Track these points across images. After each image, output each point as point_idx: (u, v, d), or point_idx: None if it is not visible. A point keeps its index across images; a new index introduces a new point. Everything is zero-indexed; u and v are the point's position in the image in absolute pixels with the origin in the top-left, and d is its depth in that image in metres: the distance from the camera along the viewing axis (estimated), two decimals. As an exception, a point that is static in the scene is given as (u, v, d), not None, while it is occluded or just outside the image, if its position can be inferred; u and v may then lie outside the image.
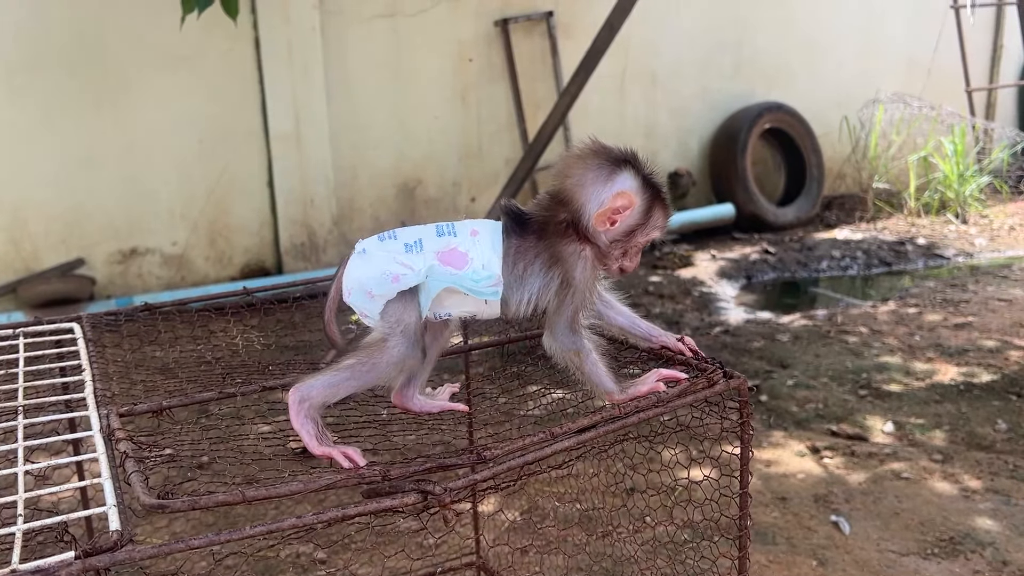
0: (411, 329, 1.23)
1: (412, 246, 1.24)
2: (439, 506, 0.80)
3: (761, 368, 3.81)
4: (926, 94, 6.72)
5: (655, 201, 1.30)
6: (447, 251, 1.24)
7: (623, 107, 6.18)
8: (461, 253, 1.24)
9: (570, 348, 1.26)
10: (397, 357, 1.22)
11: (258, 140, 5.10)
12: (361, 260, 1.25)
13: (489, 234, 1.28)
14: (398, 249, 1.24)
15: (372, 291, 1.23)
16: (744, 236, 6.13)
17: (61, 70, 4.62)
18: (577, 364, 1.26)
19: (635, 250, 1.32)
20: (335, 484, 0.80)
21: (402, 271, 1.22)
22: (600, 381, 1.26)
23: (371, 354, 1.22)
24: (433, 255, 1.24)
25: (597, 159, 1.28)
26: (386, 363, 1.21)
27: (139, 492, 0.78)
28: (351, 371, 1.20)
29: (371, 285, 1.23)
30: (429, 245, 1.25)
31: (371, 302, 1.24)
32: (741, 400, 1.09)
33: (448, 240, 1.25)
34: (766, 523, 2.57)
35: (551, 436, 0.97)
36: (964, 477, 2.80)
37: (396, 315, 1.23)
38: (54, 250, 4.74)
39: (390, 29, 5.35)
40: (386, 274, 1.22)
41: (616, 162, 1.28)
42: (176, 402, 1.17)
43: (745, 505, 1.08)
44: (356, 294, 1.24)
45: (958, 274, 5.32)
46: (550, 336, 1.28)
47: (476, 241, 1.26)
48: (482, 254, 1.25)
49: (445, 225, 1.29)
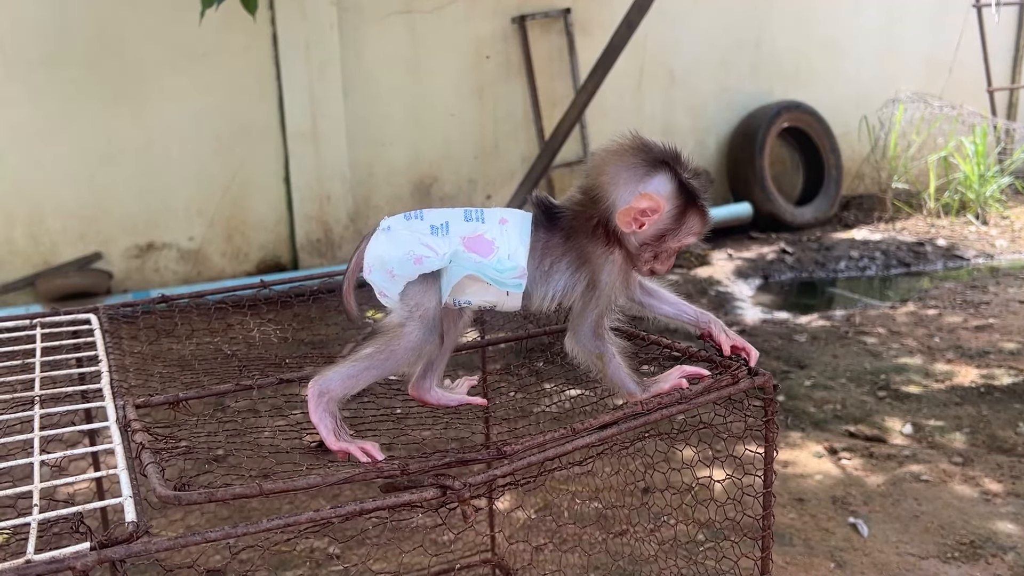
0: (429, 314, 1.20)
1: (438, 228, 1.21)
2: (458, 501, 0.78)
3: (778, 368, 3.77)
4: (947, 94, 6.64)
5: (690, 207, 1.24)
6: (473, 237, 1.21)
7: (640, 105, 6.15)
8: (487, 240, 1.21)
9: (593, 352, 1.23)
10: (415, 343, 1.19)
11: (275, 137, 5.11)
12: (385, 237, 1.22)
13: (518, 224, 1.24)
14: (423, 230, 1.21)
15: (393, 271, 1.20)
16: (761, 235, 6.09)
17: (80, 66, 4.64)
18: (600, 368, 1.23)
19: (667, 254, 1.28)
20: (353, 478, 0.79)
21: (426, 253, 1.19)
22: (623, 383, 1.23)
23: (388, 341, 1.19)
24: (459, 239, 1.21)
25: (634, 157, 1.24)
26: (404, 349, 1.19)
27: (155, 484, 0.77)
28: (369, 360, 1.18)
29: (393, 265, 1.20)
30: (455, 229, 1.22)
31: (391, 282, 1.21)
32: (766, 398, 1.07)
33: (475, 226, 1.22)
34: (783, 524, 2.54)
35: (572, 432, 0.95)
36: (984, 480, 2.77)
37: (415, 299, 1.20)
38: (72, 244, 4.77)
39: (407, 26, 5.35)
40: (409, 255, 1.19)
41: (653, 162, 1.23)
42: (193, 394, 1.16)
43: (769, 505, 1.06)
44: (377, 272, 1.21)
45: (978, 275, 5.26)
46: (573, 338, 1.25)
47: (504, 230, 1.22)
48: (509, 244, 1.21)
49: (474, 211, 1.25)
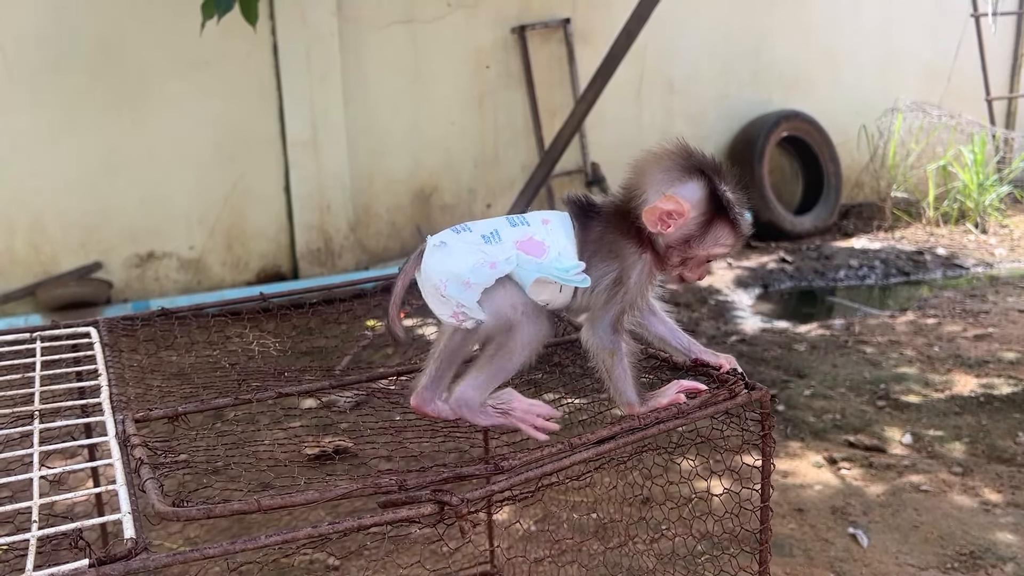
0: (530, 307, 1.25)
1: (489, 237, 1.25)
2: (456, 517, 0.78)
3: (778, 378, 3.77)
4: (945, 103, 6.66)
5: (720, 217, 1.29)
6: (525, 240, 1.25)
7: (640, 114, 6.17)
8: (538, 242, 1.25)
9: (607, 346, 1.26)
10: (531, 337, 1.24)
11: (275, 146, 5.12)
12: (444, 253, 1.25)
13: (560, 223, 1.29)
14: (476, 241, 1.25)
15: (469, 280, 1.23)
16: (761, 244, 6.10)
17: (82, 75, 4.66)
18: (609, 365, 1.25)
19: (696, 262, 1.31)
20: (351, 493, 0.79)
21: (497, 258, 1.23)
22: (624, 390, 1.25)
23: (503, 344, 1.23)
24: (512, 244, 1.25)
25: (672, 160, 1.31)
26: (522, 347, 1.23)
27: (154, 499, 0.77)
28: (493, 367, 1.23)
29: (467, 274, 1.23)
30: (507, 235, 1.26)
31: (468, 291, 1.23)
32: (763, 412, 1.07)
33: (524, 229, 1.27)
34: (783, 534, 2.54)
35: (569, 447, 0.96)
36: (984, 490, 2.77)
37: (508, 300, 1.25)
38: (73, 254, 4.77)
39: (407, 35, 5.37)
40: (482, 262, 1.23)
41: (688, 168, 1.30)
42: (192, 407, 1.16)
43: (767, 518, 1.06)
44: (452, 285, 1.23)
45: (977, 284, 5.26)
46: (590, 329, 1.28)
47: (549, 230, 1.27)
48: (558, 242, 1.26)
49: (516, 217, 1.31)
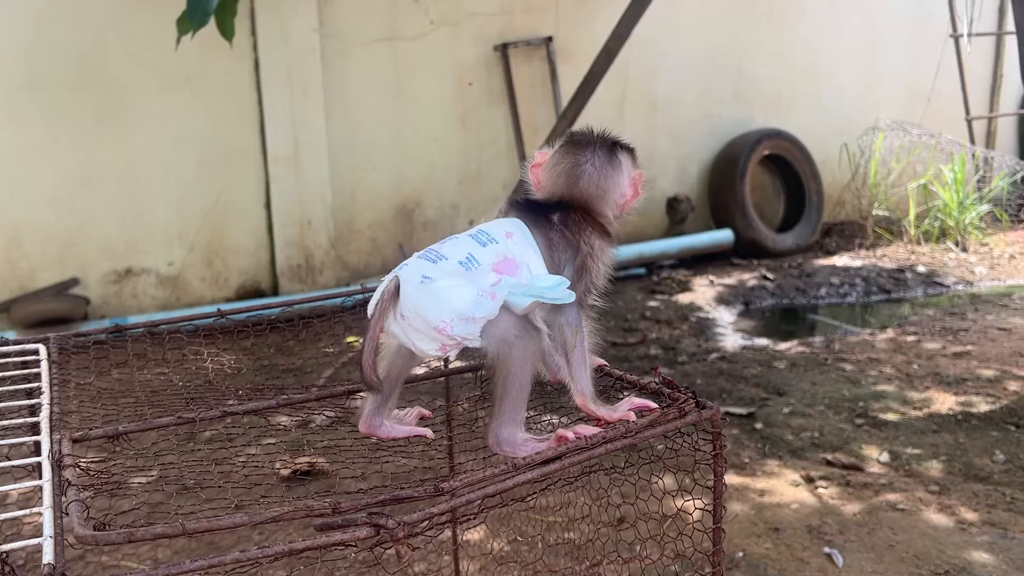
0: (518, 324, 1.23)
1: (467, 263, 1.21)
2: (392, 541, 0.76)
3: (757, 395, 3.76)
4: (926, 122, 6.71)
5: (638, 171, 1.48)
6: (501, 261, 1.23)
7: (623, 132, 6.01)
8: (511, 259, 1.23)
9: (572, 323, 1.27)
10: (530, 351, 1.23)
11: (256, 161, 5.10)
12: (436, 291, 1.19)
13: (520, 232, 1.28)
14: (458, 270, 1.21)
15: (475, 316, 1.19)
16: (743, 262, 6.11)
17: (62, 90, 4.64)
18: (571, 344, 1.26)
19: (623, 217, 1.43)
20: (282, 517, 0.77)
21: (491, 288, 1.21)
22: (580, 377, 1.26)
23: (509, 372, 1.21)
24: (489, 268, 1.22)
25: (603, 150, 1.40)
26: (524, 364, 1.22)
27: (75, 523, 0.75)
28: (511, 397, 1.21)
29: (471, 311, 1.19)
30: (482, 258, 1.22)
31: (474, 325, 1.21)
32: (714, 431, 1.05)
33: (495, 248, 1.24)
34: (758, 554, 2.52)
35: (513, 468, 0.94)
36: (961, 509, 2.76)
37: (502, 325, 1.22)
38: (49, 269, 4.73)
39: (390, 52, 5.37)
40: (482, 295, 1.20)
41: (612, 147, 1.40)
42: (134, 427, 1.14)
43: (719, 540, 1.04)
44: (458, 324, 1.19)
45: (958, 302, 5.28)
46: (554, 311, 1.28)
47: (514, 243, 1.25)
48: (525, 255, 1.25)
49: (477, 233, 1.27)
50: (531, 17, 5.72)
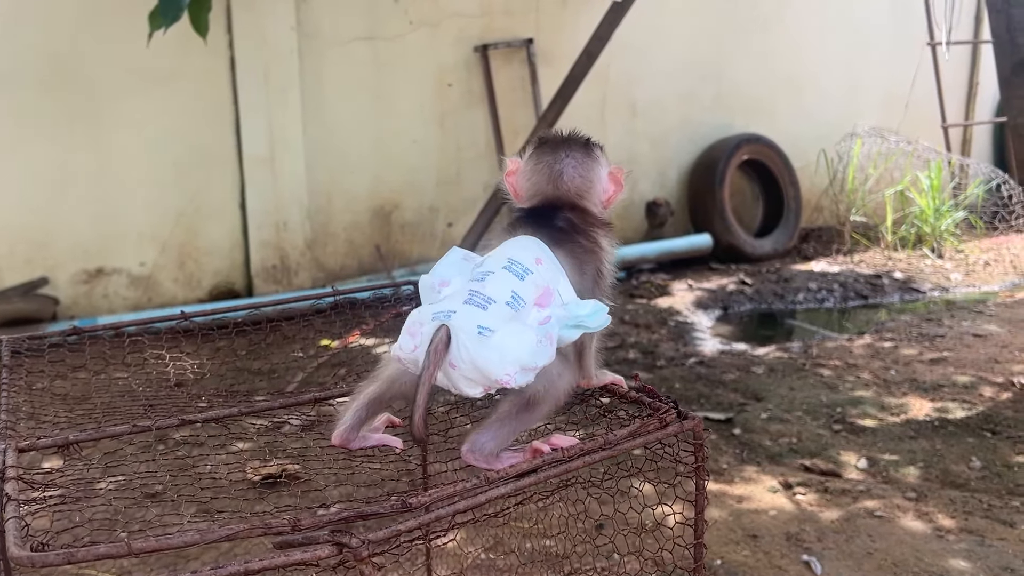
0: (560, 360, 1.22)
1: (514, 303, 1.17)
2: (356, 560, 0.72)
3: (735, 400, 3.75)
4: (903, 129, 6.76)
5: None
6: (542, 294, 1.19)
7: (603, 136, 6.09)
8: (547, 289, 1.20)
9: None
10: (566, 388, 1.23)
11: (231, 162, 5.03)
12: (494, 343, 1.13)
13: (547, 257, 1.24)
14: (509, 314, 1.16)
15: (536, 364, 1.16)
16: (721, 267, 6.11)
17: (34, 89, 4.54)
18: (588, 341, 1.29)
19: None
20: (237, 535, 0.72)
21: (545, 331, 1.18)
22: (591, 362, 1.31)
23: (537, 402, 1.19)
24: (533, 304, 1.19)
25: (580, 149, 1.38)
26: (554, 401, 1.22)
27: (11, 543, 0.70)
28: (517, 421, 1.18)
29: (533, 361, 1.15)
30: (526, 294, 1.18)
31: (532, 374, 1.17)
32: (696, 443, 1.02)
33: (533, 281, 1.20)
34: (736, 562, 2.49)
35: (486, 483, 0.89)
36: (938, 516, 2.75)
37: (550, 365, 1.20)
38: (17, 269, 4.63)
39: (369, 53, 5.32)
40: (541, 343, 1.16)
41: (589, 145, 1.39)
42: (85, 436, 1.08)
43: (700, 556, 1.01)
44: (520, 375, 1.15)
45: (934, 308, 5.30)
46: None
47: (546, 270, 1.22)
48: (555, 281, 1.22)
49: (511, 265, 1.20)
50: (511, 19, 5.69)
